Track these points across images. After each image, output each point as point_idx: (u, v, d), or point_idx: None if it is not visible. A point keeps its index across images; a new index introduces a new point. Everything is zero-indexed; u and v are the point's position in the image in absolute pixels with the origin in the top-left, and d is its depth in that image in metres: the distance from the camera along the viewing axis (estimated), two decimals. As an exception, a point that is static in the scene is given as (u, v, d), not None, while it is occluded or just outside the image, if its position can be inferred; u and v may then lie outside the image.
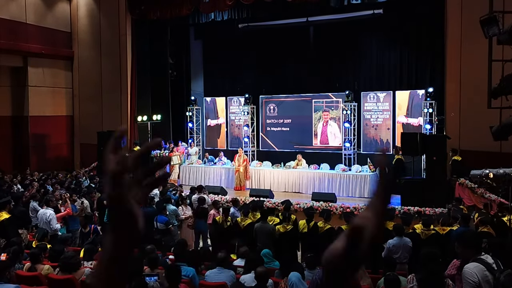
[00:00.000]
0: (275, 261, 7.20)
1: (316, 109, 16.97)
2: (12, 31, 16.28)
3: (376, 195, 0.99)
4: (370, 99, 16.12)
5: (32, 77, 17.39)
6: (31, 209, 10.25)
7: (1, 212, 8.55)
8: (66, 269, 5.71)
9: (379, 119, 16.00)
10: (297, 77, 17.68)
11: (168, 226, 9.52)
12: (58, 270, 5.84)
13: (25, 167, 16.30)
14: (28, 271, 5.98)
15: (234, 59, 18.75)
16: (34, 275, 5.85)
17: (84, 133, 18.57)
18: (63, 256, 5.90)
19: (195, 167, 16.35)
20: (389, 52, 16.45)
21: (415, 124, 15.38)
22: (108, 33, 17.99)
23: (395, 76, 16.35)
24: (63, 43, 18.47)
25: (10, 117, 17.51)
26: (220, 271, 5.90)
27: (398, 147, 13.63)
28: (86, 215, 9.19)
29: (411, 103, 15.50)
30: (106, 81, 18.10)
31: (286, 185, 14.78)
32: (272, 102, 17.98)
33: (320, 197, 12.53)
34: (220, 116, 19.10)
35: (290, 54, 17.50)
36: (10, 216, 8.54)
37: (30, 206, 10.29)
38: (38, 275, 5.82)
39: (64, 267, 5.72)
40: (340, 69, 17.02)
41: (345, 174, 14.02)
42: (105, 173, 1.04)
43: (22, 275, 5.86)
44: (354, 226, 0.94)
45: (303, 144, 17.09)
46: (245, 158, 15.26)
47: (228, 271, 5.94)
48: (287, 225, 8.61)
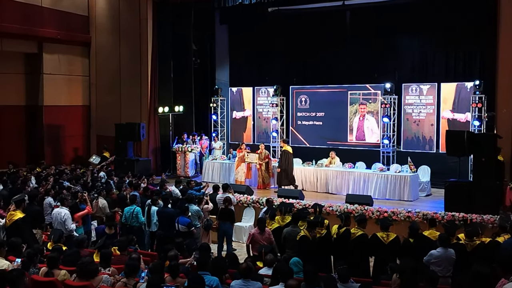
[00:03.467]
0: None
1: (352, 101, 16.85)
2: (26, 15, 16.65)
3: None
4: (412, 92, 15.92)
5: (47, 64, 17.80)
6: (45, 205, 10.53)
7: (15, 211, 8.79)
8: (83, 276, 5.86)
9: (421, 114, 15.79)
10: (331, 66, 17.58)
11: (191, 229, 9.62)
12: (75, 276, 5.99)
13: (39, 159, 16.71)
14: (44, 276, 6.15)
15: (263, 46, 18.74)
16: (50, 280, 6.01)
17: (101, 124, 18.93)
18: (80, 261, 6.04)
19: (219, 163, 16.47)
20: (434, 40, 16.17)
21: (462, 120, 15.14)
22: (127, 17, 18.21)
23: (440, 66, 16.08)
24: (80, 28, 18.78)
25: (24, 107, 17.97)
26: (246, 283, 5.95)
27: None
28: (107, 216, 9.37)
29: (457, 96, 15.25)
30: (125, 69, 18.35)
31: (317, 185, 14.75)
32: (304, 94, 17.93)
33: (354, 200, 12.44)
34: (246, 108, 19.16)
35: (323, 41, 17.40)
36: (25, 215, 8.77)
37: (45, 203, 10.58)
38: (54, 281, 5.99)
39: (82, 274, 5.87)
40: (379, 58, 16.81)
41: (382, 174, 13.90)
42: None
43: (38, 281, 6.04)
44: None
45: (337, 140, 17.02)
46: (266, 154, 15.27)
47: (254, 283, 5.98)
48: (321, 230, 8.59)
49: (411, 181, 13.49)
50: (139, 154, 17.50)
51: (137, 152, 17.41)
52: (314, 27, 17.37)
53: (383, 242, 8.20)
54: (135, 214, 10.12)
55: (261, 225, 9.01)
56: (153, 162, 17.63)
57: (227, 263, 6.71)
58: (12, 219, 8.79)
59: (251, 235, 8.97)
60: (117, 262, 6.93)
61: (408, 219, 11.13)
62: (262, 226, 8.99)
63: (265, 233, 8.90)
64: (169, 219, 9.84)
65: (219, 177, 16.14)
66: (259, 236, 8.85)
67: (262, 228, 8.95)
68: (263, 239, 8.75)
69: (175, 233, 9.56)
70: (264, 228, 8.98)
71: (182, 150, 17.25)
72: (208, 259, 6.56)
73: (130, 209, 10.18)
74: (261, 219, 9.28)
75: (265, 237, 8.81)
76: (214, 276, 6.02)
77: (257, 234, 8.89)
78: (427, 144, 15.68)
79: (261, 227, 8.98)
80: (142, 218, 10.16)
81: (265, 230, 8.97)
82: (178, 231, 9.61)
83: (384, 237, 8.24)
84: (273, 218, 9.71)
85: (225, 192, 11.58)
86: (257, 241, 8.75)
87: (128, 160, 16.31)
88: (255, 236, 8.87)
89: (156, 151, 18.14)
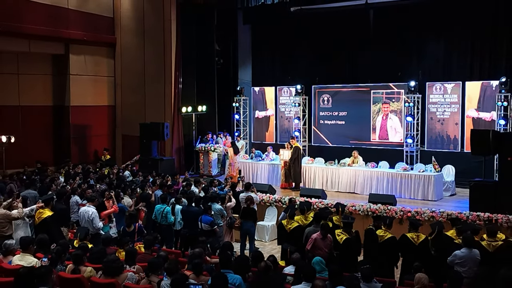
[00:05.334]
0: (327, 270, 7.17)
1: (375, 100, 16.74)
2: (53, 17, 16.95)
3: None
4: (436, 91, 15.74)
5: (73, 65, 18.08)
6: (72, 203, 10.70)
7: (44, 209, 8.96)
8: (109, 273, 5.95)
9: (446, 113, 15.60)
10: (354, 65, 17.49)
11: (213, 227, 9.69)
12: (100, 273, 6.09)
13: (66, 158, 17.00)
14: (71, 273, 6.26)
15: (285, 46, 18.74)
16: (76, 277, 6.13)
17: (126, 124, 19.14)
18: (106, 259, 6.13)
19: (241, 162, 16.50)
20: (459, 38, 15.92)
21: (487, 119, 14.92)
22: (152, 19, 18.38)
23: (465, 64, 15.82)
24: (105, 29, 19.04)
25: (51, 107, 18.30)
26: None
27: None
28: (130, 214, 9.49)
29: (483, 95, 15.03)
30: (150, 69, 18.53)
31: (339, 184, 14.70)
32: (326, 93, 17.86)
33: (377, 199, 12.35)
34: (269, 107, 19.18)
35: (346, 40, 17.31)
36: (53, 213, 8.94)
37: (71, 201, 10.75)
38: (80, 278, 6.10)
39: (107, 271, 5.96)
40: (402, 56, 16.62)
41: (406, 174, 13.78)
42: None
43: (65, 277, 6.16)
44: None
45: (360, 140, 16.92)
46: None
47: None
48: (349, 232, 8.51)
49: (435, 181, 13.35)
50: (163, 153, 17.66)
51: (161, 151, 17.57)
52: (337, 26, 17.28)
53: (414, 243, 8.09)
54: (165, 213, 10.23)
55: (324, 230, 8.27)
56: (176, 161, 17.77)
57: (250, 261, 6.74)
58: (41, 217, 8.99)
59: (313, 239, 8.22)
60: (142, 260, 7.02)
61: (432, 219, 11.01)
62: (325, 232, 8.26)
63: (327, 240, 8.23)
64: (193, 218, 9.93)
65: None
66: (321, 242, 8.19)
67: (325, 234, 8.24)
68: (325, 246, 8.17)
69: (198, 232, 9.63)
70: (327, 234, 8.28)
71: (205, 150, 17.36)
72: (230, 257, 6.60)
73: (161, 208, 10.30)
74: (325, 225, 8.45)
75: (327, 244, 8.19)
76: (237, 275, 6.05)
77: (319, 240, 8.21)
78: (452, 144, 15.49)
79: (324, 232, 8.24)
80: (171, 218, 10.23)
81: (328, 236, 8.26)
82: (201, 230, 9.70)
83: (414, 238, 8.14)
84: (292, 217, 9.67)
85: (248, 191, 11.62)
86: (319, 247, 8.15)
87: (152, 159, 16.47)
88: (317, 242, 8.19)
89: (180, 150, 18.27)
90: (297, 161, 14.70)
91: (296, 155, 14.70)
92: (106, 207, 9.92)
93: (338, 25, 17.26)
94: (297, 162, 14.71)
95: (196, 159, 18.11)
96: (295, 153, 14.74)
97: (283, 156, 15.10)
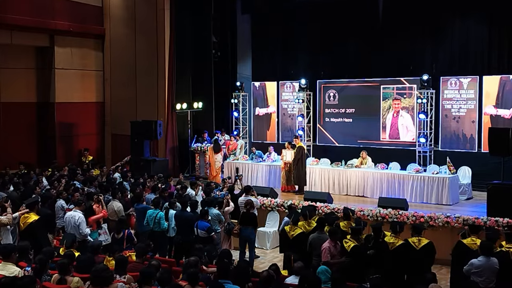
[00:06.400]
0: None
1: (385, 96, 16.74)
2: (37, 6, 16.98)
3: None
4: (451, 86, 15.73)
5: (59, 58, 18.10)
6: (57, 208, 10.70)
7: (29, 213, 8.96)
8: (97, 283, 5.95)
9: (461, 110, 15.60)
10: (362, 58, 17.44)
11: (210, 234, 9.67)
12: (88, 283, 6.09)
13: (52, 159, 17.00)
14: (57, 283, 6.27)
15: (288, 37, 18.74)
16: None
17: (116, 122, 19.17)
18: (94, 268, 6.13)
19: (240, 163, 16.50)
20: (475, 29, 15.90)
21: (506, 116, 14.92)
22: (143, 8, 18.40)
23: (482, 58, 15.81)
24: (94, 20, 19.06)
25: (35, 103, 18.30)
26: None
27: None
28: (120, 219, 9.48)
29: (501, 90, 15.02)
30: (141, 63, 18.55)
31: (347, 187, 14.69)
32: (332, 88, 17.86)
33: (388, 203, 12.34)
34: (270, 104, 19.18)
35: (354, 30, 17.29)
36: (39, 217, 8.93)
37: (57, 206, 10.75)
38: (67, 288, 6.11)
39: (96, 281, 5.96)
40: (414, 48, 16.61)
41: (419, 176, 13.76)
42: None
43: (50, 288, 6.17)
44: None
45: (369, 139, 16.92)
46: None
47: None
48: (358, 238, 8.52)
49: (450, 183, 13.33)
50: (156, 153, 17.68)
51: (153, 151, 17.58)
52: (344, 16, 17.27)
53: (414, 247, 8.13)
54: (157, 219, 10.08)
55: (334, 236, 8.29)
56: (170, 162, 17.78)
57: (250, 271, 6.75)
58: (27, 222, 8.99)
59: (326, 249, 8.12)
60: (133, 269, 7.02)
61: (447, 224, 11.01)
62: (335, 237, 8.28)
63: (338, 245, 8.26)
64: (188, 224, 9.91)
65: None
66: (334, 249, 8.16)
67: (335, 240, 8.27)
68: (338, 253, 8.17)
69: (194, 239, 9.63)
70: (337, 240, 8.33)
71: (202, 150, 17.36)
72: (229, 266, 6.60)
73: (153, 213, 10.19)
74: (334, 230, 8.49)
75: (338, 250, 8.21)
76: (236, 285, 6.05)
77: (333, 248, 8.17)
78: (468, 143, 15.48)
79: (334, 238, 8.26)
80: (164, 224, 10.10)
81: (337, 242, 8.31)
82: (197, 236, 9.69)
83: (415, 242, 8.17)
84: (296, 223, 9.66)
85: (247, 195, 11.59)
86: (334, 256, 8.10)
87: (145, 160, 16.47)
88: (331, 251, 8.13)
89: (174, 150, 18.29)
90: (301, 163, 14.66)
91: (300, 156, 14.68)
92: (94, 211, 9.92)
93: (345, 15, 17.24)
94: (301, 164, 14.66)
95: (191, 160, 18.11)
96: (299, 153, 14.72)
97: (286, 157, 15.10)
